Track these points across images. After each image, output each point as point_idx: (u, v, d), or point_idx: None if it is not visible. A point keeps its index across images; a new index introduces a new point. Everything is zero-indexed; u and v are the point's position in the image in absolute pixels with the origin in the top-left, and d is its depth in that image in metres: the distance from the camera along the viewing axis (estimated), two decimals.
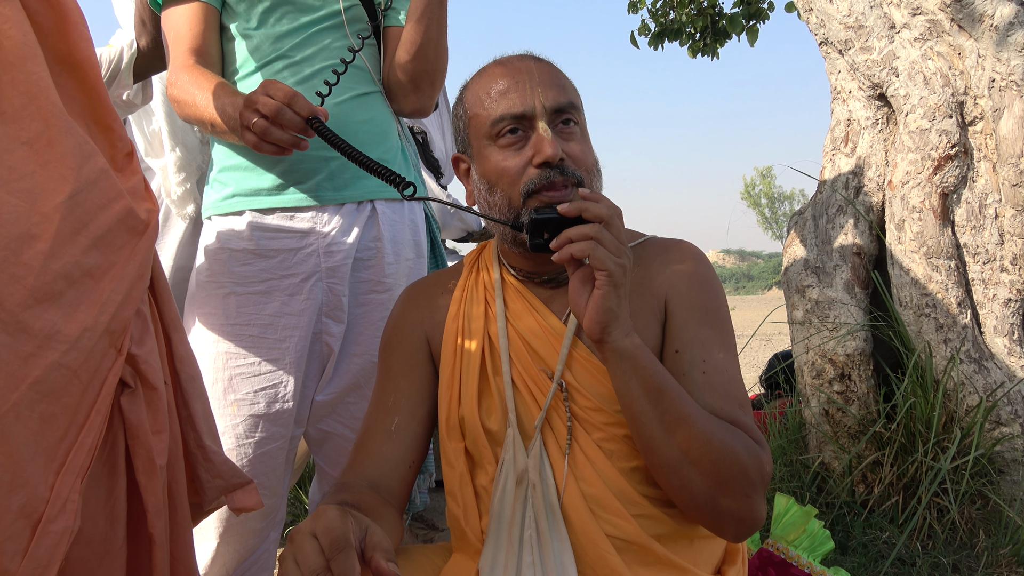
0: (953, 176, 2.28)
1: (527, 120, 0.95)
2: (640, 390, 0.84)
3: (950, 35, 2.33)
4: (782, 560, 1.41)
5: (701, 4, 5.45)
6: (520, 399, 0.96)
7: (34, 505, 0.66)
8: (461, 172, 1.06)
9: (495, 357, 0.99)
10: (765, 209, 63.53)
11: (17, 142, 0.65)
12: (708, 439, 0.83)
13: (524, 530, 0.90)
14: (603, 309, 0.82)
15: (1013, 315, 2.20)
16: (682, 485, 0.85)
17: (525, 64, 0.98)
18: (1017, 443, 2.07)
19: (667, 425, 0.83)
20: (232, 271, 1.32)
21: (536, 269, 1.02)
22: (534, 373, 0.96)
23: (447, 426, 0.99)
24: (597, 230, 0.82)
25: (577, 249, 0.82)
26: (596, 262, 0.81)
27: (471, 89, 1.02)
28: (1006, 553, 1.92)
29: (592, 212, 0.83)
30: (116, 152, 0.78)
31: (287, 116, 1.07)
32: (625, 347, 0.84)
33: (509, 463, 0.93)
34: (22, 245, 0.65)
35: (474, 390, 0.97)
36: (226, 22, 1.35)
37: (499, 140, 0.96)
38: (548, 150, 0.91)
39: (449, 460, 0.99)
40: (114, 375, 0.73)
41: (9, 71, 0.65)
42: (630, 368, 0.84)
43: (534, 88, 0.95)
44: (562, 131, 0.96)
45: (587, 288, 0.85)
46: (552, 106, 0.95)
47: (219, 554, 1.32)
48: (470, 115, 1.00)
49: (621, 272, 0.82)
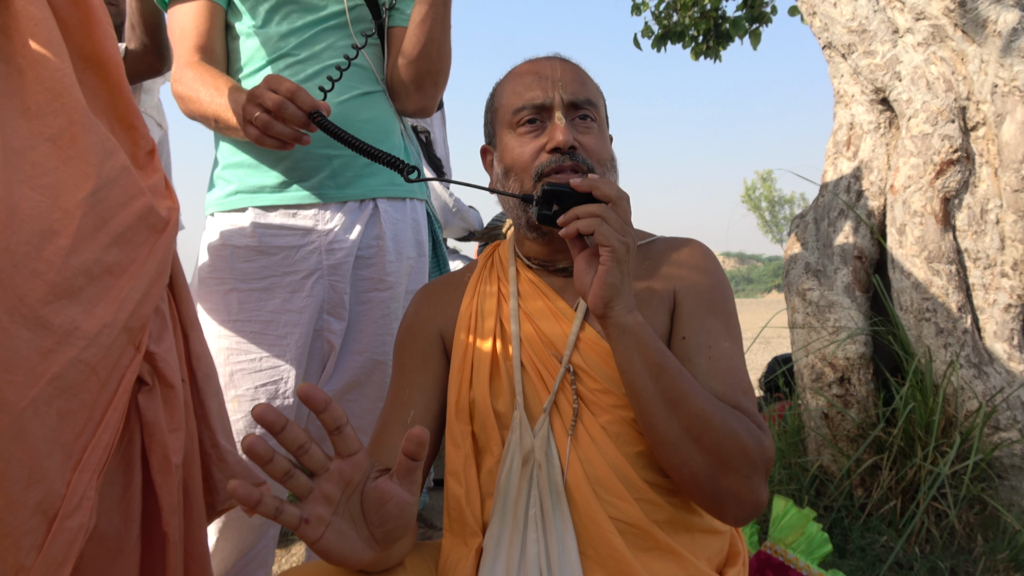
0: (955, 181, 2.29)
1: (545, 111, 1.00)
2: (642, 365, 0.86)
3: (953, 40, 2.34)
4: (780, 563, 1.42)
5: (704, 7, 5.46)
6: (529, 382, 0.98)
7: (51, 501, 0.66)
8: (487, 164, 1.12)
9: (506, 341, 1.01)
10: (765, 212, 63.66)
11: (41, 138, 0.65)
12: (709, 417, 0.84)
13: (529, 508, 0.92)
14: (607, 284, 0.85)
15: (1013, 320, 2.21)
16: (683, 463, 0.86)
17: (551, 62, 1.05)
18: (1016, 448, 2.08)
19: (668, 401, 0.85)
20: (234, 267, 1.32)
21: (549, 257, 1.05)
22: (544, 356, 0.98)
23: (456, 408, 1.00)
24: (604, 209, 0.86)
25: (584, 225, 0.85)
26: (601, 238, 0.84)
27: (500, 84, 1.08)
28: (1004, 558, 1.93)
29: (601, 191, 0.87)
30: (138, 150, 0.78)
31: (289, 110, 1.07)
32: (628, 323, 0.86)
33: (516, 443, 0.95)
34: (43, 241, 0.65)
35: (486, 373, 0.99)
36: (231, 20, 1.35)
37: (518, 128, 1.02)
38: (559, 136, 0.96)
39: (456, 441, 0.99)
40: (132, 372, 0.73)
41: (34, 67, 0.66)
42: (632, 343, 0.86)
43: (555, 82, 1.01)
44: (579, 124, 1.01)
45: (592, 267, 0.88)
46: (570, 99, 1.00)
47: (218, 549, 1.33)
48: (495, 106, 1.07)
49: (624, 249, 0.85)
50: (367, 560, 0.75)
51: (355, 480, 0.73)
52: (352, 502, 0.74)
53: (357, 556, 0.74)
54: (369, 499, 0.73)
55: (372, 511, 0.74)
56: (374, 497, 0.73)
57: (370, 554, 0.75)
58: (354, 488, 0.74)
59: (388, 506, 0.73)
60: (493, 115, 1.08)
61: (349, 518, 0.74)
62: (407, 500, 0.74)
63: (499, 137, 1.05)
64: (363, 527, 0.74)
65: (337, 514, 0.73)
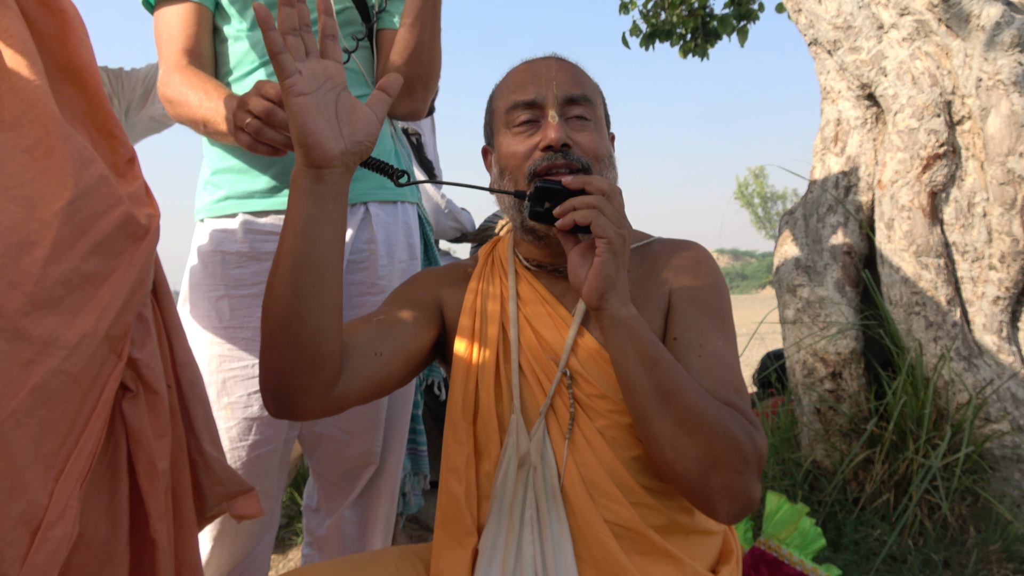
0: (942, 175, 2.30)
1: (539, 108, 1.00)
2: (636, 358, 0.86)
3: (938, 35, 2.36)
4: (774, 558, 1.42)
5: (692, 5, 5.47)
6: (526, 385, 0.98)
7: (33, 512, 0.66)
8: (487, 164, 1.12)
9: (506, 345, 1.02)
10: (758, 209, 63.78)
11: (16, 149, 0.65)
12: (702, 411, 0.84)
13: (524, 511, 0.93)
14: (602, 276, 0.85)
15: (1002, 312, 2.22)
16: (675, 458, 0.86)
17: (547, 61, 1.05)
18: (1007, 440, 2.09)
19: (661, 395, 0.85)
20: (225, 274, 1.32)
21: (547, 259, 1.05)
22: (543, 361, 0.98)
23: (462, 406, 1.00)
24: (600, 200, 0.86)
25: (580, 216, 0.86)
26: (597, 229, 0.85)
27: (499, 85, 1.08)
28: (996, 549, 1.94)
29: (595, 186, 0.88)
30: (118, 158, 0.78)
31: (279, 116, 1.07)
32: (622, 315, 0.87)
33: (512, 446, 0.95)
34: (21, 252, 0.65)
35: (491, 377, 1.00)
36: (219, 24, 1.34)
37: (513, 128, 1.02)
38: (552, 134, 0.96)
39: (459, 439, 0.99)
40: (114, 380, 0.73)
41: (8, 79, 0.65)
42: (626, 336, 0.87)
43: (549, 80, 1.00)
44: (574, 123, 1.00)
45: (586, 261, 0.89)
46: (564, 96, 1.00)
47: (213, 556, 1.33)
48: (493, 107, 1.07)
49: (620, 241, 0.86)
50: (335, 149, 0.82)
51: (335, 78, 0.84)
52: (328, 98, 0.83)
53: (328, 136, 0.81)
54: (342, 104, 0.84)
55: (343, 115, 0.84)
56: (347, 103, 0.84)
57: (338, 145, 0.82)
58: (332, 86, 0.84)
59: (358, 113, 0.85)
60: (491, 116, 1.08)
61: (324, 108, 0.82)
62: (373, 117, 0.86)
63: (496, 138, 1.05)
64: (334, 122, 0.83)
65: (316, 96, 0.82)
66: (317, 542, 1.54)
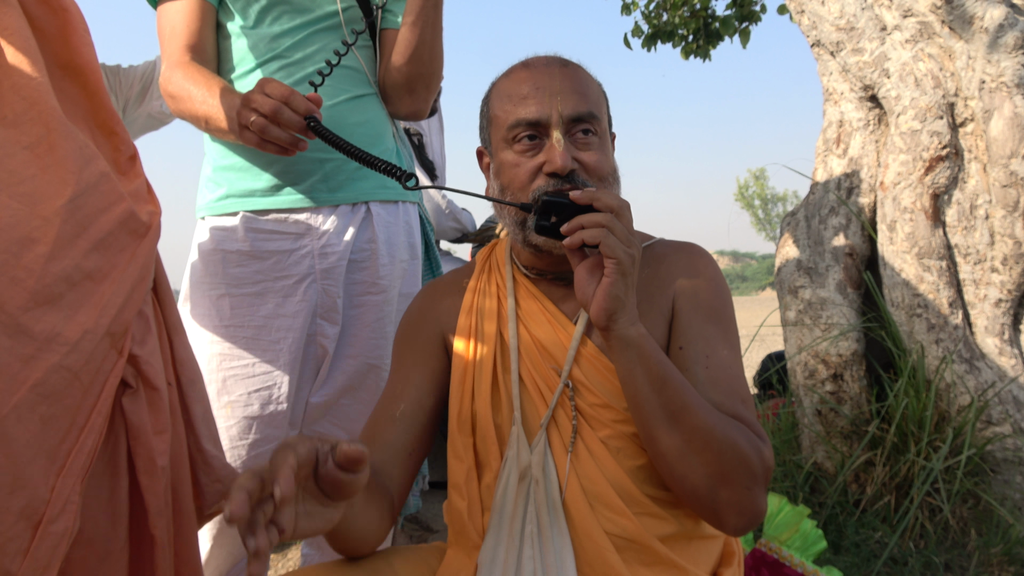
0: (944, 177, 2.30)
1: (543, 127, 0.95)
2: (644, 378, 0.85)
3: (941, 37, 2.35)
4: (775, 560, 1.42)
5: (694, 6, 5.47)
6: (527, 397, 0.97)
7: (35, 507, 0.66)
8: (483, 166, 1.08)
9: (505, 355, 1.00)
10: (759, 210, 63.69)
11: (18, 147, 0.65)
12: (710, 429, 0.84)
13: (525, 525, 0.91)
14: (611, 296, 0.83)
15: (1004, 315, 2.22)
16: (684, 476, 0.85)
17: (549, 69, 0.99)
18: (1008, 442, 2.09)
19: (670, 414, 0.84)
20: (226, 272, 1.32)
21: (546, 268, 1.03)
22: (544, 371, 0.97)
23: (458, 420, 0.99)
24: (609, 219, 0.83)
25: (589, 235, 0.83)
26: (607, 249, 0.82)
27: (496, 88, 1.03)
28: (997, 552, 1.93)
29: (603, 202, 0.85)
30: (119, 155, 0.78)
31: (285, 115, 1.07)
32: (631, 335, 0.85)
33: (512, 459, 0.94)
34: (22, 248, 0.65)
35: (487, 387, 0.98)
36: (223, 20, 1.34)
37: (515, 145, 0.97)
38: (558, 161, 0.92)
39: (458, 454, 0.99)
40: (115, 377, 0.73)
41: (10, 77, 0.66)
42: (635, 356, 0.85)
43: (553, 96, 0.95)
44: (579, 140, 0.96)
45: (594, 278, 0.86)
46: (570, 115, 0.95)
47: (212, 556, 1.33)
48: (491, 115, 1.02)
49: (630, 261, 0.84)
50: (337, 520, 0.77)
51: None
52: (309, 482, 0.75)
53: (328, 524, 0.76)
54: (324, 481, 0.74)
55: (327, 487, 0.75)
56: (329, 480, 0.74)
57: (335, 514, 0.76)
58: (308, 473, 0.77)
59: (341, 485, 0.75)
60: (489, 123, 1.03)
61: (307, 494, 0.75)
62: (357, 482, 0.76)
63: (495, 149, 1.01)
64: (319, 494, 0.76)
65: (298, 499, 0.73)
66: (317, 542, 1.54)
